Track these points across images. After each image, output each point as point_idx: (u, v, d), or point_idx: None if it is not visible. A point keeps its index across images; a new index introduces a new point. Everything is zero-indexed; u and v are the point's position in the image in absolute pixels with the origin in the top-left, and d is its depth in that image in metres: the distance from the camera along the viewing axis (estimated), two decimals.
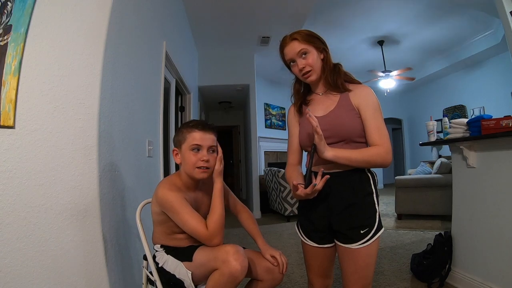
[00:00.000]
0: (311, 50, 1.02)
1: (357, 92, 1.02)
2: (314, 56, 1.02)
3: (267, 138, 6.01)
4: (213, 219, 1.03)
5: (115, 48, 1.32)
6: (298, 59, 1.03)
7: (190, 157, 1.06)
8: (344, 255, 0.99)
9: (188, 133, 1.07)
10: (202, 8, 3.32)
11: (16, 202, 0.96)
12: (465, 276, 1.73)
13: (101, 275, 1.13)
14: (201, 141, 1.06)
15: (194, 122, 1.10)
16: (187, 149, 1.07)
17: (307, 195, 0.91)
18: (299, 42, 1.01)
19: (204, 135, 1.07)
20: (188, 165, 1.07)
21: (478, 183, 1.67)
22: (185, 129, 1.09)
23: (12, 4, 0.99)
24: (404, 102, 7.78)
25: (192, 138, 1.06)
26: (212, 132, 1.10)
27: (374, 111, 0.98)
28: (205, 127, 1.08)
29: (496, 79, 4.89)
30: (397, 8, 3.86)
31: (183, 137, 1.08)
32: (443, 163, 3.85)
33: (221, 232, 1.03)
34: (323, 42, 1.06)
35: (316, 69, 1.03)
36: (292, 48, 1.02)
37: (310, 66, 1.02)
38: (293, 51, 1.02)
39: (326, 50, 1.05)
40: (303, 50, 1.01)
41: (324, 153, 0.93)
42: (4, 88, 0.96)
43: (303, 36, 1.02)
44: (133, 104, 1.58)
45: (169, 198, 1.01)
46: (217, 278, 0.95)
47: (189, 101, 3.70)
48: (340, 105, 1.02)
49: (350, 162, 0.95)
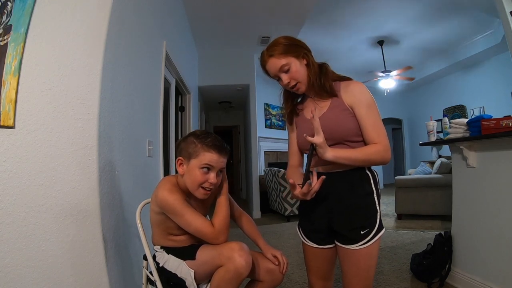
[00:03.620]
0: (292, 61, 0.97)
1: (349, 90, 0.98)
2: (297, 66, 0.98)
3: (267, 138, 6.01)
4: (219, 217, 1.04)
5: (115, 48, 1.32)
6: (281, 75, 0.99)
7: (197, 174, 1.00)
8: (345, 256, 0.98)
9: (203, 151, 1.00)
10: (202, 8, 3.32)
11: (16, 202, 0.96)
12: (465, 276, 1.73)
13: (101, 275, 1.13)
14: (215, 164, 1.01)
15: (212, 141, 1.02)
16: (197, 166, 1.00)
17: (303, 194, 0.89)
18: (277, 59, 0.97)
19: (219, 158, 1.02)
20: (192, 182, 1.02)
21: (478, 183, 1.67)
22: (200, 144, 1.01)
23: (12, 4, 0.99)
24: (404, 102, 7.78)
25: (206, 158, 1.00)
26: (227, 156, 1.05)
27: (369, 108, 0.95)
28: (222, 151, 1.03)
29: (496, 79, 4.90)
30: (397, 8, 3.86)
31: (196, 152, 1.01)
32: (443, 163, 3.85)
33: (227, 230, 1.04)
34: (303, 46, 1.02)
35: (302, 79, 0.99)
36: (272, 65, 0.99)
37: (295, 79, 0.99)
38: (273, 68, 0.99)
39: (308, 54, 1.01)
40: (283, 66, 0.97)
41: (324, 154, 0.91)
42: (4, 88, 0.96)
43: (280, 50, 0.97)
44: (133, 104, 1.58)
45: (169, 200, 0.99)
46: (222, 274, 0.95)
47: (189, 101, 3.70)
48: (333, 106, 0.99)
49: (350, 162, 0.94)
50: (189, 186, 1.04)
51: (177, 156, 1.07)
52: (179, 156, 1.06)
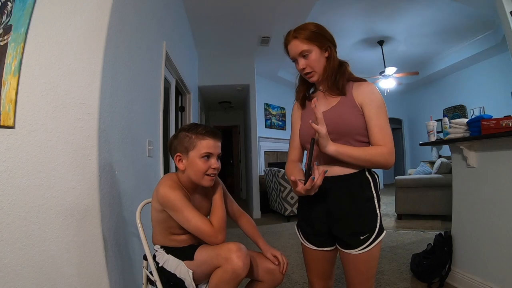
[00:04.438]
0: (313, 50, 0.97)
1: (361, 89, 0.97)
2: (317, 55, 0.98)
3: (267, 138, 6.00)
4: (217, 217, 1.05)
5: (115, 48, 1.32)
6: (299, 59, 0.99)
7: (199, 164, 1.04)
8: (345, 259, 0.98)
9: (199, 140, 1.04)
10: (202, 8, 3.32)
11: (16, 202, 0.96)
12: (465, 276, 1.73)
13: (101, 275, 1.13)
14: (213, 150, 1.05)
15: (204, 129, 1.06)
16: (197, 157, 1.04)
17: (307, 191, 0.87)
18: (300, 42, 0.97)
19: (215, 143, 1.06)
20: (196, 172, 1.05)
21: (478, 183, 1.67)
22: (194, 135, 1.05)
23: (12, 4, 0.99)
24: (404, 102, 7.78)
25: (204, 146, 1.04)
26: (221, 140, 1.09)
27: (379, 109, 0.94)
28: (216, 135, 1.07)
29: (496, 79, 4.90)
30: (397, 9, 3.86)
31: (192, 144, 1.04)
32: (443, 163, 3.85)
33: (225, 229, 1.05)
34: (330, 39, 1.01)
35: (318, 69, 0.99)
36: (294, 46, 0.99)
37: (311, 67, 0.99)
38: (294, 50, 0.99)
39: (331, 47, 1.00)
40: (304, 51, 0.97)
41: (326, 147, 0.90)
42: (4, 88, 0.96)
43: (306, 35, 0.97)
44: (133, 104, 1.58)
45: (171, 196, 1.00)
46: (220, 275, 0.95)
47: (189, 101, 3.70)
48: (343, 101, 0.99)
49: (351, 159, 0.92)
50: (194, 178, 1.06)
51: (172, 154, 1.10)
52: (176, 153, 1.08)
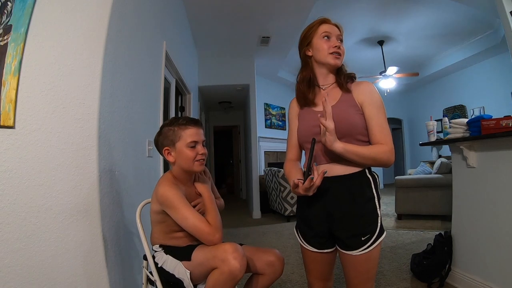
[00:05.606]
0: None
1: (361, 88, 1.00)
2: (343, 48, 1.05)
3: (267, 138, 6.00)
4: (212, 215, 1.07)
5: (115, 48, 1.32)
6: (335, 38, 1.03)
7: (187, 153, 1.10)
8: (345, 260, 0.98)
9: (182, 131, 1.11)
10: (202, 8, 3.32)
11: (16, 202, 0.96)
12: (465, 276, 1.73)
13: (101, 275, 1.13)
14: (197, 137, 1.12)
15: (185, 119, 1.13)
16: (184, 146, 1.10)
17: (305, 190, 0.88)
18: (339, 31, 1.06)
19: (198, 130, 1.13)
20: (187, 160, 1.10)
21: (478, 183, 1.67)
22: (176, 128, 1.11)
23: (12, 4, 0.99)
24: (404, 102, 7.78)
25: (188, 135, 1.10)
26: (202, 127, 1.17)
27: (378, 109, 0.96)
28: (197, 123, 1.15)
29: (496, 79, 4.89)
30: (397, 9, 3.86)
31: (177, 135, 1.11)
32: (443, 163, 3.85)
33: (221, 228, 1.06)
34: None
35: (343, 57, 1.05)
36: (334, 29, 1.04)
37: (342, 51, 1.04)
38: (334, 31, 1.04)
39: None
40: (340, 36, 1.05)
41: (333, 144, 0.90)
42: (4, 88, 0.96)
43: (342, 30, 1.07)
44: (133, 104, 1.58)
45: (169, 195, 1.03)
46: (216, 276, 0.95)
47: (189, 101, 3.70)
48: (343, 100, 1.00)
49: (357, 157, 0.92)
50: (185, 166, 1.12)
51: (160, 150, 1.15)
52: (164, 148, 1.13)
